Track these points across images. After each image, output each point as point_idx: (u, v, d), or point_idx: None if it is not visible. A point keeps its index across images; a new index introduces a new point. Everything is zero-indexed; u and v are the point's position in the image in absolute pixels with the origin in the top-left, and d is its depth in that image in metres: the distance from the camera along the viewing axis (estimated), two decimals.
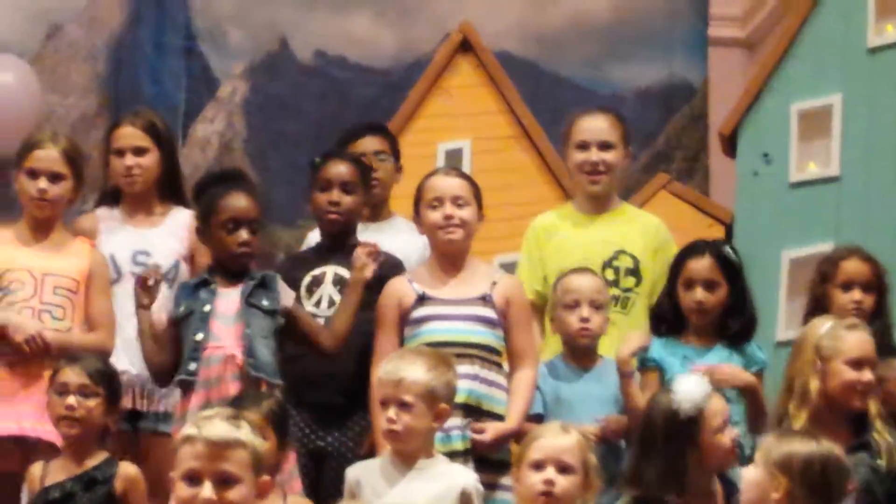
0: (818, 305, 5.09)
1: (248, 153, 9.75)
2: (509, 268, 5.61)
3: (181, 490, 3.34)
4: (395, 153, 5.73)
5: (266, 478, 3.54)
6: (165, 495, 3.81)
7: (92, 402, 4.53)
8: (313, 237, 5.41)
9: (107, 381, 4.61)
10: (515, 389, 4.88)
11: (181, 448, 3.42)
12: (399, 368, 4.34)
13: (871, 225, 6.46)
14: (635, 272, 5.26)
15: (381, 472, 4.35)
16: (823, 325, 4.50)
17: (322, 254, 5.23)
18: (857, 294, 5.03)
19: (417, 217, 5.04)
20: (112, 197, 5.39)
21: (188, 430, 3.43)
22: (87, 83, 9.91)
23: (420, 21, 9.85)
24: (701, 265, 4.83)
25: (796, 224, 6.68)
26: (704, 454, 3.99)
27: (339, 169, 5.23)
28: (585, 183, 5.36)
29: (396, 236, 5.37)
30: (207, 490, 3.32)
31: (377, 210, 5.47)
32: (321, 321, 4.98)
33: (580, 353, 4.79)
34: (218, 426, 3.42)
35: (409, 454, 4.31)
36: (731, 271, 4.86)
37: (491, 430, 4.78)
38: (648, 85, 9.83)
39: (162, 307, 4.88)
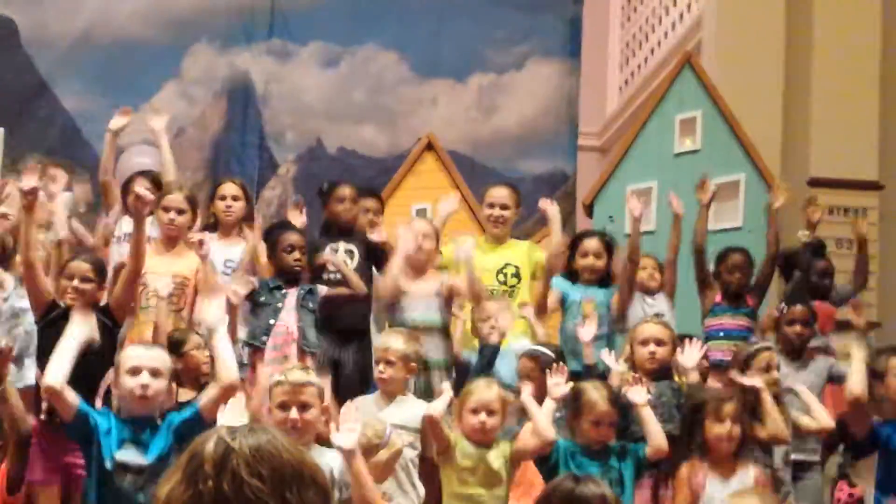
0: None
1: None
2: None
3: (276, 416, 3.29)
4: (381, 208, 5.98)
5: (326, 404, 3.49)
6: None
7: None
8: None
9: None
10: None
11: (274, 389, 3.40)
12: (386, 341, 4.45)
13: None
14: (517, 275, 5.44)
15: (374, 403, 4.44)
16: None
17: (333, 235, 5.50)
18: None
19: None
20: (212, 226, 5.56)
21: (277, 377, 3.47)
22: (198, 164, 10.25)
23: (403, 130, 10.20)
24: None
25: None
26: None
27: (346, 191, 5.55)
28: (491, 228, 5.63)
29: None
30: (294, 413, 3.35)
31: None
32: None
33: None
34: (297, 373, 3.47)
35: (391, 393, 4.43)
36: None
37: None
38: (540, 173, 10.20)
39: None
